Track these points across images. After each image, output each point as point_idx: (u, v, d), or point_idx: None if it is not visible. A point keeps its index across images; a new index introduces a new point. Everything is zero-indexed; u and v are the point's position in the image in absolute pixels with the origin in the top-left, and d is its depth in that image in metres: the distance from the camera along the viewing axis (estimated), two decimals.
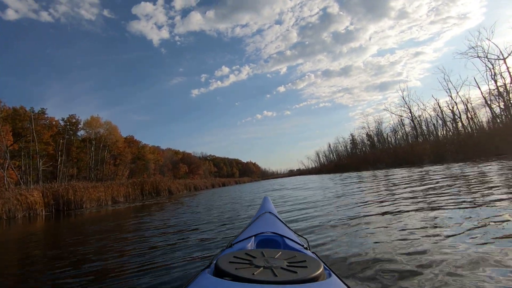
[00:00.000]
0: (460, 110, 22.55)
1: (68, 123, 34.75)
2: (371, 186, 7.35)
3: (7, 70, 61.44)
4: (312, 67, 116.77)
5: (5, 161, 20.00)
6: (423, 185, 6.01)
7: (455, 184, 5.32)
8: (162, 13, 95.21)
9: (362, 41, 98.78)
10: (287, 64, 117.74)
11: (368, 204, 4.23)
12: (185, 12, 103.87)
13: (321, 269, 0.78)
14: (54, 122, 32.97)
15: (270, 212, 1.78)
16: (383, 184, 7.49)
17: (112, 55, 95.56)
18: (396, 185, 6.68)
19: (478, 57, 20.49)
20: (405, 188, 5.85)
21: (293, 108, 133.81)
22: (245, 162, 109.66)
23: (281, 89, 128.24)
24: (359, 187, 7.44)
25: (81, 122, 35.16)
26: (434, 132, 23.11)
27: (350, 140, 46.02)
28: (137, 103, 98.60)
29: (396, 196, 4.68)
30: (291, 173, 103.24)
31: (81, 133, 35.91)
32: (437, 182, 6.09)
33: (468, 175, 6.75)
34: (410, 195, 4.64)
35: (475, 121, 19.01)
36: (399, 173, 10.96)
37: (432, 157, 16.03)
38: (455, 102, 22.78)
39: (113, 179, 29.60)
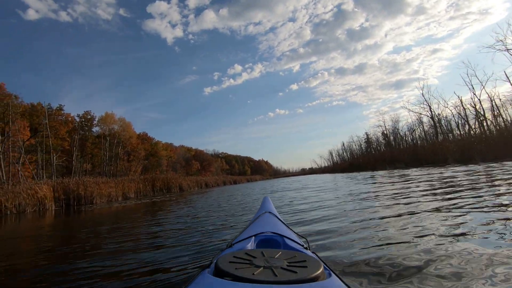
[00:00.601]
0: (484, 108, 21.30)
1: (83, 119, 35.21)
2: (390, 187, 6.68)
3: (27, 68, 63.56)
4: (326, 64, 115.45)
5: (21, 156, 20.26)
6: (449, 186, 5.42)
7: (484, 186, 4.77)
8: (176, 11, 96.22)
9: (377, 38, 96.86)
10: (300, 62, 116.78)
11: (385, 205, 3.95)
12: (199, 11, 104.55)
13: (321, 269, 0.78)
14: (70, 118, 33.47)
15: (270, 212, 1.78)
16: (404, 185, 6.80)
17: (127, 53, 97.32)
18: (419, 186, 6.03)
19: (507, 49, 19.13)
20: (428, 189, 5.30)
21: (305, 106, 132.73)
22: (257, 160, 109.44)
23: (294, 87, 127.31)
24: (377, 188, 6.79)
25: (96, 118, 35.54)
26: (457, 131, 21.92)
27: (365, 138, 44.75)
28: (151, 101, 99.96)
29: (416, 198, 4.34)
30: (304, 172, 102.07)
31: (96, 129, 36.35)
32: (464, 183, 5.49)
33: (500, 176, 6.00)
34: (433, 197, 4.20)
35: (504, 118, 17.83)
36: (422, 173, 10.14)
37: (457, 157, 14.97)
38: (479, 99, 21.51)
39: (127, 175, 29.82)
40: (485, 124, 18.08)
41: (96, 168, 34.05)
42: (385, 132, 38.68)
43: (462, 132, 20.93)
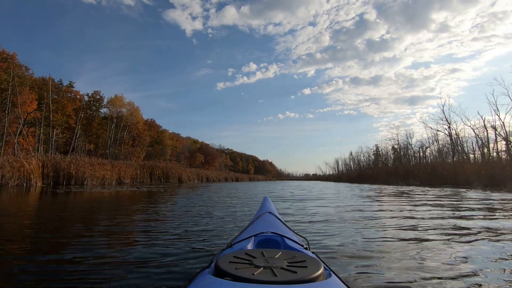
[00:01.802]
0: (507, 131, 19.77)
1: (92, 99, 34.59)
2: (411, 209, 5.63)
3: (47, 45, 63.68)
4: (341, 72, 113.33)
5: (20, 128, 19.55)
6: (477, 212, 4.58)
7: None
8: (198, 4, 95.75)
9: (396, 52, 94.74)
10: (315, 67, 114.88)
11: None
12: (221, 6, 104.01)
13: (321, 269, 0.77)
14: (78, 96, 32.84)
15: (270, 212, 1.75)
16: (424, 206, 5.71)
17: (145, 40, 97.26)
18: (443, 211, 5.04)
19: None
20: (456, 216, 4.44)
21: (316, 111, 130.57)
22: (262, 160, 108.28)
23: (307, 91, 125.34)
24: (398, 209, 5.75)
25: (104, 99, 34.89)
26: (476, 152, 20.34)
27: (374, 150, 43.22)
28: (164, 89, 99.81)
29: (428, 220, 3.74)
30: (307, 177, 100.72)
31: (104, 110, 35.72)
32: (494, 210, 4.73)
33: None
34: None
35: None
36: (442, 194, 8.94)
37: (484, 180, 13.57)
38: (503, 122, 20.00)
39: (129, 160, 29.11)
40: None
41: (100, 149, 33.45)
42: (395, 146, 37.18)
43: (481, 155, 19.44)
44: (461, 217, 3.77)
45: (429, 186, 14.31)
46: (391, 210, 4.70)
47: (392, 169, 22.91)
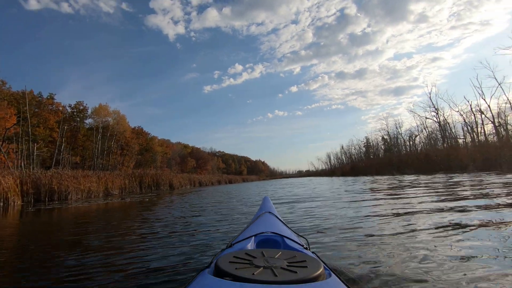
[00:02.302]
0: (493, 114, 19.88)
1: (75, 110, 33.49)
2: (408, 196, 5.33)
3: (27, 58, 61.64)
4: (326, 68, 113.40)
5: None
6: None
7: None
8: (179, 8, 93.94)
9: (378, 44, 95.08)
10: (301, 64, 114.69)
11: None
12: (202, 8, 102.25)
13: (321, 269, 0.77)
14: (60, 108, 31.69)
15: (270, 212, 1.76)
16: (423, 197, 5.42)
17: (128, 48, 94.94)
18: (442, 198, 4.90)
19: None
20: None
21: (304, 108, 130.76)
22: (254, 160, 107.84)
23: (294, 89, 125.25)
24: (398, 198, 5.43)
25: (89, 109, 33.82)
26: (467, 137, 20.37)
27: (364, 143, 43.35)
28: (151, 96, 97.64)
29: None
30: (300, 174, 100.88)
31: (89, 121, 34.66)
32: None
33: None
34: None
35: None
36: (440, 182, 8.67)
37: (479, 164, 13.43)
38: (489, 105, 20.10)
39: (118, 170, 28.19)
40: (502, 130, 16.63)
41: (87, 161, 32.36)
42: (385, 137, 37.34)
43: (471, 139, 19.48)
44: (464, 209, 3.48)
45: (424, 174, 14.14)
46: (390, 205, 4.48)
47: (385, 160, 22.75)
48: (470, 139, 19.89)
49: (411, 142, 31.24)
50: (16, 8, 60.51)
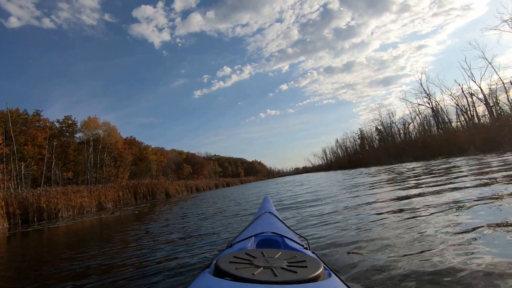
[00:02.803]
0: (485, 95, 19.75)
1: (63, 125, 32.66)
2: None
3: (11, 75, 60.19)
4: (314, 64, 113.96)
5: None
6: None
7: None
8: (162, 15, 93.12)
9: (364, 37, 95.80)
10: (289, 62, 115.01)
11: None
12: (185, 14, 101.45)
13: (321, 269, 0.76)
14: (48, 124, 30.83)
15: (270, 212, 1.75)
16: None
17: (114, 59, 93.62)
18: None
19: None
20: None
21: (296, 106, 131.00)
22: (250, 161, 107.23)
23: (284, 87, 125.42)
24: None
25: (78, 123, 33.02)
26: (462, 119, 20.18)
27: (359, 135, 43.23)
28: (141, 105, 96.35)
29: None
30: (297, 171, 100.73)
31: (79, 135, 33.86)
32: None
33: None
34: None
35: None
36: (446, 167, 8.36)
37: (479, 145, 13.19)
38: (480, 87, 20.00)
39: (113, 182, 27.49)
40: (494, 110, 16.49)
41: (80, 176, 31.53)
42: (379, 127, 37.26)
43: (465, 121, 19.31)
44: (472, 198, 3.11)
45: (423, 160, 13.88)
46: (392, 199, 4.09)
47: (383, 149, 22.46)
48: (465, 122, 19.77)
49: (405, 130, 31.18)
50: None
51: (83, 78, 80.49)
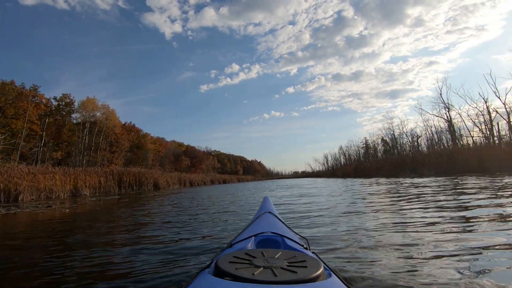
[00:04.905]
0: (508, 111, 17.87)
1: (61, 103, 30.84)
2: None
3: (23, 54, 58.64)
4: (323, 70, 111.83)
5: None
6: None
7: None
8: (176, 6, 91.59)
9: (375, 47, 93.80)
10: (297, 66, 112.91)
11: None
12: (199, 7, 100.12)
13: (321, 269, 0.75)
14: (44, 100, 29.03)
15: (270, 212, 1.72)
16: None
17: (124, 45, 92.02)
18: None
19: None
20: None
21: (301, 109, 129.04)
22: (250, 160, 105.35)
23: (290, 90, 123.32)
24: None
25: (75, 103, 31.17)
26: (483, 138, 18.14)
27: (363, 144, 41.25)
28: (147, 94, 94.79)
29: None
30: (296, 175, 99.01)
31: (76, 115, 32.01)
32: None
33: None
34: None
35: None
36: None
37: None
38: (504, 103, 18.10)
39: (107, 167, 25.74)
40: None
41: (71, 157, 29.72)
42: (384, 138, 35.31)
43: (489, 137, 17.32)
44: None
45: (447, 176, 11.93)
46: (401, 209, 3.78)
47: (397, 160, 20.35)
48: (485, 139, 17.81)
49: (413, 143, 29.18)
50: (11, 3, 57.54)
51: (92, 62, 79.05)
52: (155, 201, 8.35)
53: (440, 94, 21.11)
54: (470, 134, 19.30)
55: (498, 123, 17.63)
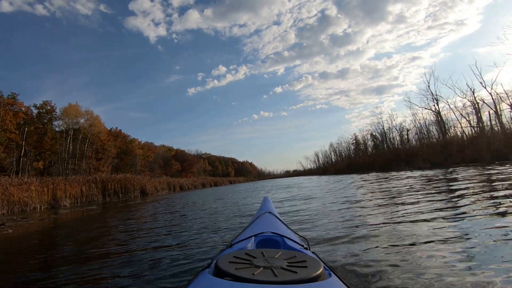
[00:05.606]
0: (494, 100, 17.94)
1: (42, 110, 29.40)
2: None
3: (1, 63, 56.13)
4: (309, 68, 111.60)
5: None
6: None
7: None
8: (159, 9, 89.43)
9: (359, 44, 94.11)
10: (284, 65, 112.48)
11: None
12: (183, 10, 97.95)
13: (321, 269, 0.75)
14: (23, 108, 27.59)
15: (270, 212, 1.71)
16: None
17: (108, 51, 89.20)
18: None
19: None
20: None
21: (289, 109, 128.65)
22: (241, 161, 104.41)
23: (278, 89, 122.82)
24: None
25: (57, 110, 29.77)
26: (475, 127, 18.05)
27: (353, 140, 41.21)
28: (134, 100, 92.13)
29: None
30: (288, 174, 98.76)
31: (58, 123, 30.56)
32: None
33: None
34: None
35: None
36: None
37: None
38: (490, 93, 18.12)
39: (93, 175, 24.60)
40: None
41: (55, 166, 28.34)
42: (374, 133, 35.29)
43: (479, 127, 17.26)
44: None
45: (444, 168, 11.62)
46: (400, 203, 3.75)
47: (390, 153, 20.02)
48: (477, 128, 17.73)
49: (402, 137, 29.14)
50: None
51: (74, 69, 75.98)
52: (129, 212, 7.63)
53: (428, 85, 21.03)
54: (460, 125, 19.25)
55: (489, 112, 17.62)
